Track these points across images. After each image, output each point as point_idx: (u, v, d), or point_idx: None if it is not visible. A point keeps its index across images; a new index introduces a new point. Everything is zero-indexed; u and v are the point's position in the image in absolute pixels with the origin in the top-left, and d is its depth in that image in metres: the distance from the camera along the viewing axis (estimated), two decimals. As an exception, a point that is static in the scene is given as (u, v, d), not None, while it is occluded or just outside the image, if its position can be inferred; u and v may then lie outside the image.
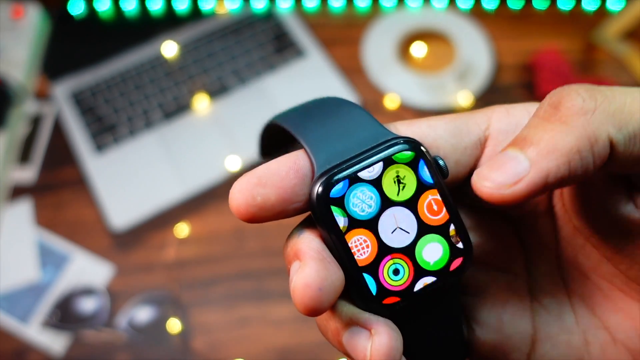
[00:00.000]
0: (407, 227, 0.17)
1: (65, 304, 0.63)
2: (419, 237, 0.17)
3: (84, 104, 0.74)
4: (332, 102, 0.21)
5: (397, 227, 0.16)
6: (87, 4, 0.80)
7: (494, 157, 0.17)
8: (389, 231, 0.16)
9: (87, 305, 0.63)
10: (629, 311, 0.20)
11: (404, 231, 0.16)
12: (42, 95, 0.75)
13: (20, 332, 0.61)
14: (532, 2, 0.80)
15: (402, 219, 0.16)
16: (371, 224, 0.16)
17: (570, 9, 0.80)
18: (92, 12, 0.80)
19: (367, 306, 0.18)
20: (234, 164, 0.69)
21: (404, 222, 0.17)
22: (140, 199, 0.68)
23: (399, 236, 0.16)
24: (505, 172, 0.16)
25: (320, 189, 0.17)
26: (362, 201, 0.16)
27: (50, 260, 0.65)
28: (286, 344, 0.61)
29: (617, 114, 0.16)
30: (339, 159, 0.17)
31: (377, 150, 0.17)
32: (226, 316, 0.62)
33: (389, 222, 0.16)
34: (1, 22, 0.78)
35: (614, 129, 0.16)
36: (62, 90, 0.75)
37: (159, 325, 0.62)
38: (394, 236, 0.16)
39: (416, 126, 0.20)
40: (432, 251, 0.17)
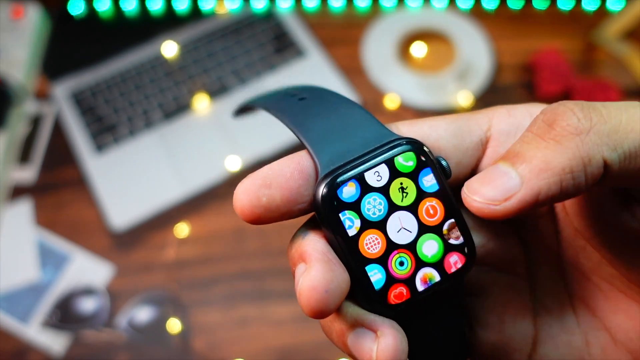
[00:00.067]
0: (409, 227, 0.18)
1: (65, 304, 0.63)
2: (419, 235, 0.18)
3: (84, 104, 0.74)
4: (325, 94, 0.21)
5: (402, 227, 0.18)
6: (87, 4, 0.80)
7: (485, 170, 0.18)
8: (395, 230, 0.18)
9: (87, 305, 0.63)
10: (629, 312, 0.20)
11: (407, 230, 0.18)
12: (42, 95, 0.75)
13: (20, 332, 0.61)
14: (532, 2, 0.80)
15: (406, 220, 0.18)
16: (381, 225, 0.18)
17: (570, 9, 0.80)
18: (92, 12, 0.80)
19: (371, 306, 0.18)
20: (234, 164, 0.69)
21: (407, 223, 0.18)
22: (140, 199, 0.68)
23: (403, 235, 0.18)
24: (495, 187, 0.17)
25: (325, 190, 0.17)
26: (374, 206, 0.18)
27: (50, 260, 0.65)
28: (286, 344, 0.61)
29: (612, 134, 0.16)
30: (342, 160, 0.18)
31: (381, 151, 0.18)
32: (226, 316, 0.62)
33: (395, 223, 0.18)
34: (1, 22, 0.78)
35: (609, 150, 0.16)
36: (62, 90, 0.75)
37: (159, 325, 0.62)
38: (399, 235, 0.18)
39: (418, 127, 0.20)
40: (430, 247, 0.18)
